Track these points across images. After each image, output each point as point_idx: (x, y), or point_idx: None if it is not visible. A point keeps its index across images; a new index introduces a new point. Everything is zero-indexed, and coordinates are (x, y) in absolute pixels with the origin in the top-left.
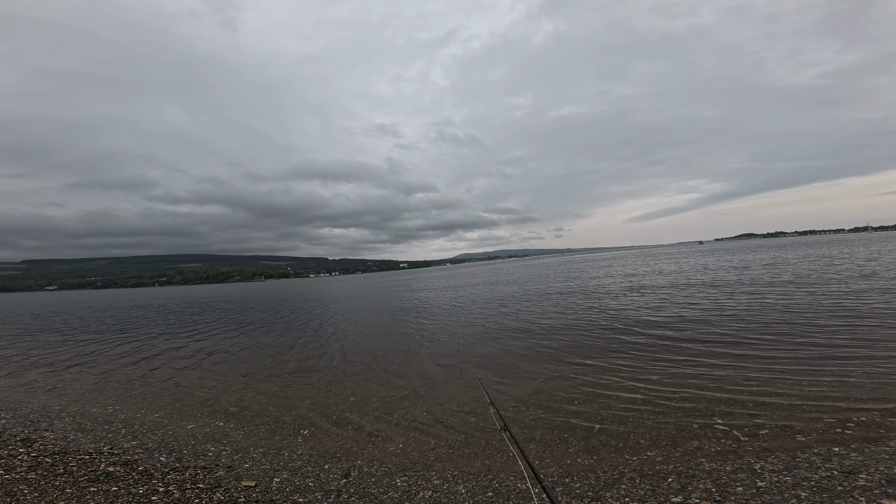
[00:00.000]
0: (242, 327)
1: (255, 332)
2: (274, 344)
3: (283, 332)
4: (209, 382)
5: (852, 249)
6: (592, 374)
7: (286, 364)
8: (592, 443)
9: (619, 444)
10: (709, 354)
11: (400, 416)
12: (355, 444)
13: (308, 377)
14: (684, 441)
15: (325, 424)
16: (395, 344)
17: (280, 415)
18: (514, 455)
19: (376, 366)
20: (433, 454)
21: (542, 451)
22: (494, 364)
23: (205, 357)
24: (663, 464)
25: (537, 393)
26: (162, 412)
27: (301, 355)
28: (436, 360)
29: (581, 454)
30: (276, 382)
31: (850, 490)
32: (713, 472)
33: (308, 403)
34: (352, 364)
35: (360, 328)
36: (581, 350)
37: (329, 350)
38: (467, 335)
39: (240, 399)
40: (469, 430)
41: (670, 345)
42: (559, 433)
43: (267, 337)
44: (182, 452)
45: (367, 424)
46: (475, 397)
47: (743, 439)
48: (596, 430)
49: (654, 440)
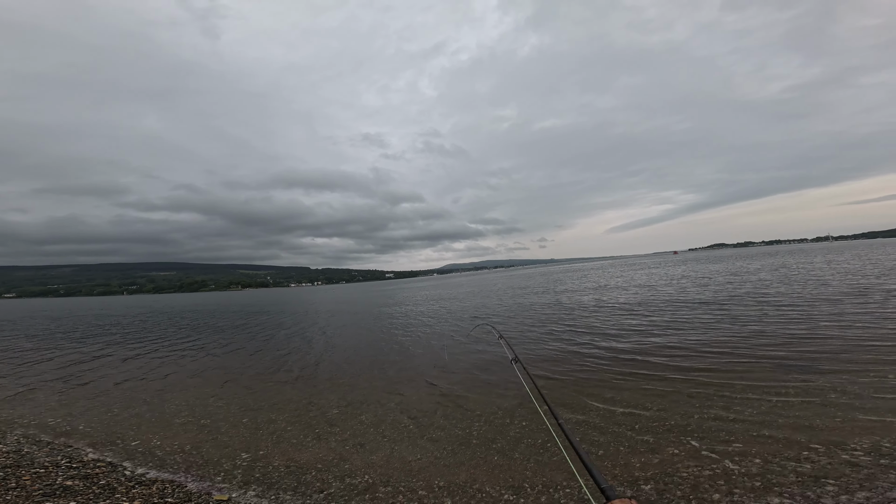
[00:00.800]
0: (216, 336)
1: (229, 341)
2: (250, 354)
3: (259, 343)
4: (176, 394)
5: (811, 259)
6: (571, 386)
7: (263, 375)
8: (570, 450)
9: (600, 452)
10: (671, 368)
11: (385, 428)
12: (336, 456)
13: (286, 388)
14: (661, 449)
15: (304, 436)
16: (379, 355)
17: (256, 427)
18: (500, 464)
19: (360, 377)
20: (418, 465)
21: (525, 459)
22: (478, 376)
23: (174, 367)
24: (641, 470)
25: (521, 405)
26: (127, 424)
27: (279, 366)
28: (422, 372)
29: (564, 463)
30: (252, 394)
31: (819, 495)
32: (690, 477)
33: (286, 416)
34: (334, 375)
35: (342, 339)
36: (561, 363)
37: (309, 360)
38: (450, 346)
39: (213, 411)
40: (454, 442)
41: (638, 359)
42: (542, 443)
43: (243, 347)
44: (147, 464)
45: (349, 436)
46: (460, 409)
47: (717, 448)
48: (578, 440)
49: (632, 448)
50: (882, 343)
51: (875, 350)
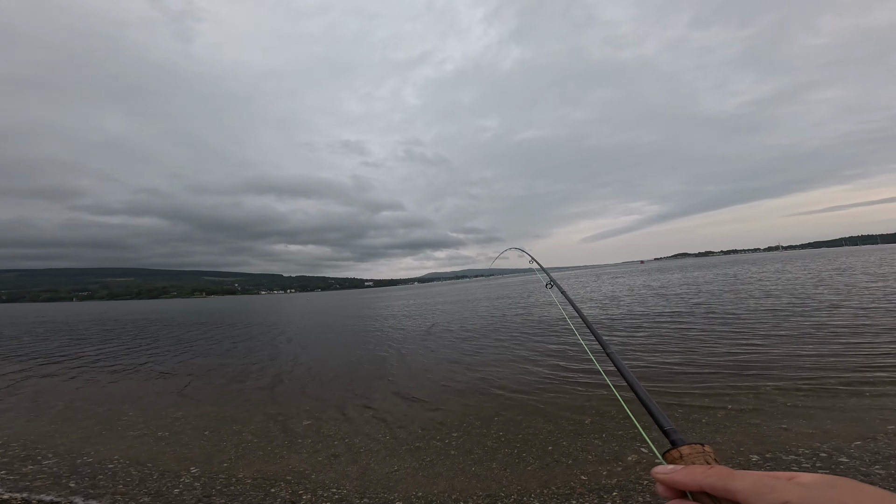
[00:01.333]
0: (174, 346)
1: (189, 351)
2: (212, 364)
3: (222, 352)
4: (130, 405)
5: (761, 268)
6: (542, 397)
7: (226, 385)
8: (547, 460)
9: (570, 461)
10: (639, 377)
11: (360, 439)
12: (308, 467)
13: (252, 399)
14: (624, 456)
15: (272, 447)
16: (353, 365)
17: (219, 438)
18: (478, 474)
19: (333, 388)
20: (395, 476)
21: (502, 469)
22: (457, 386)
23: (126, 379)
24: (608, 478)
25: (499, 415)
26: (75, 435)
27: (244, 376)
28: (398, 383)
29: (538, 472)
30: (214, 405)
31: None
32: (650, 484)
33: (252, 428)
34: (304, 386)
35: (313, 349)
36: (534, 375)
37: (277, 370)
38: (426, 356)
39: (170, 423)
40: (433, 453)
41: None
42: (518, 452)
43: (204, 356)
44: (97, 478)
45: (322, 447)
46: (437, 420)
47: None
48: (550, 449)
49: (599, 456)
50: (821, 353)
51: (815, 359)
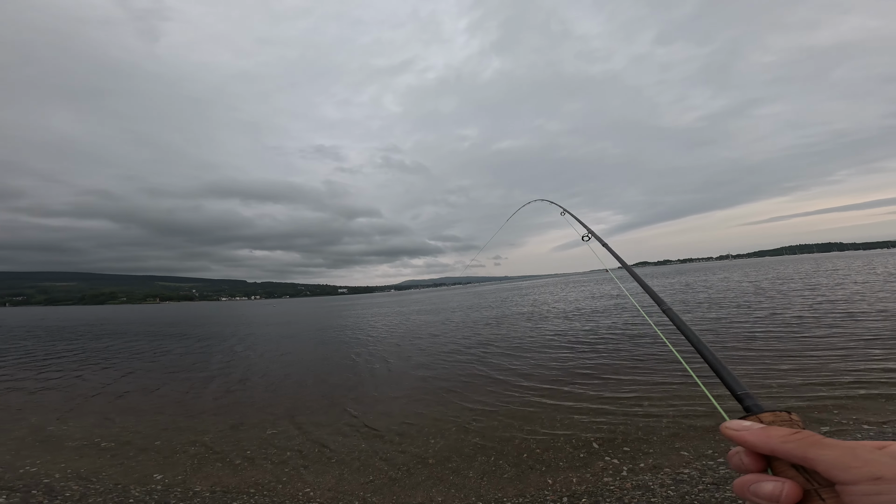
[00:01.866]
0: (121, 354)
1: (137, 359)
2: (163, 372)
3: (174, 360)
4: (66, 415)
5: (710, 277)
6: (517, 402)
7: (180, 394)
8: (522, 468)
9: (543, 468)
10: (596, 385)
11: (333, 448)
12: (273, 479)
13: (209, 408)
14: (593, 462)
15: (233, 458)
16: (324, 373)
17: (172, 450)
18: (456, 483)
19: (301, 396)
20: (370, 487)
21: (479, 477)
22: (434, 394)
23: (63, 387)
24: (578, 484)
25: (475, 421)
26: (4, 448)
27: (201, 384)
28: (374, 390)
29: (514, 480)
30: (167, 415)
31: (720, 501)
32: (616, 490)
33: (210, 438)
34: (269, 394)
35: (277, 356)
36: (510, 382)
37: (237, 378)
38: (400, 363)
39: (117, 433)
40: (411, 461)
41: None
42: (494, 460)
43: (155, 364)
44: (31, 492)
45: (289, 457)
46: (417, 429)
47: (637, 460)
48: (525, 457)
49: (570, 462)
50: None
51: (760, 362)
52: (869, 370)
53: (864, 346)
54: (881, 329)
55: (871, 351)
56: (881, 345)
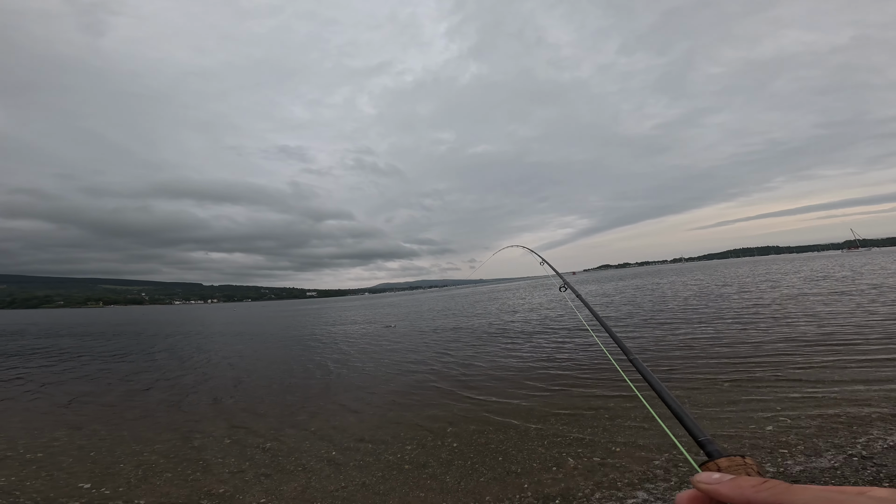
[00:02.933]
0: (54, 359)
1: (71, 364)
2: (106, 376)
3: (114, 366)
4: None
5: (663, 279)
6: (492, 406)
7: (120, 401)
8: (498, 471)
9: (518, 470)
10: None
11: (299, 456)
12: (231, 488)
13: (155, 416)
14: (565, 462)
15: (183, 468)
16: (286, 378)
17: (113, 460)
18: (433, 487)
19: (262, 402)
20: (341, 494)
21: (457, 481)
22: (409, 398)
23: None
24: (551, 486)
25: (452, 425)
26: None
27: (147, 390)
28: (342, 394)
29: (490, 483)
30: (106, 424)
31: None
32: (587, 487)
33: (157, 447)
34: (225, 400)
35: (235, 360)
36: (486, 385)
37: (188, 383)
38: (374, 367)
39: (46, 444)
40: (385, 467)
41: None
42: (472, 464)
43: (94, 368)
44: None
45: (248, 466)
46: (391, 435)
47: (603, 459)
48: (500, 459)
49: (543, 464)
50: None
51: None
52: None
53: (793, 348)
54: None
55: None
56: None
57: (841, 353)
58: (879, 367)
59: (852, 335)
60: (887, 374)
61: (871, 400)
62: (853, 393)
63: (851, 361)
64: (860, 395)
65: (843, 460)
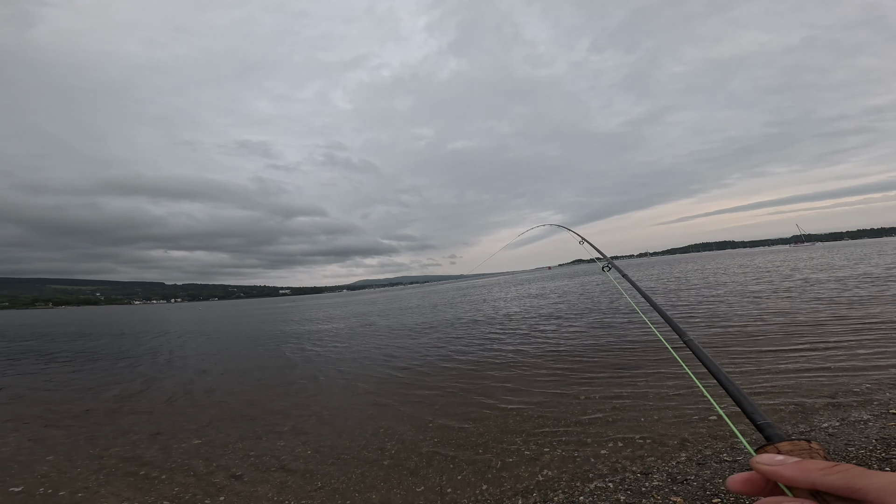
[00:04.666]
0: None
1: (16, 366)
2: (59, 379)
3: (73, 368)
4: None
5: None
6: (473, 398)
7: (77, 406)
8: (479, 465)
9: (500, 464)
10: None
11: (274, 455)
12: (200, 491)
13: (116, 420)
14: (541, 455)
15: (148, 472)
16: (258, 379)
17: (71, 465)
18: (415, 482)
19: (231, 404)
20: (319, 494)
21: (438, 476)
22: (387, 398)
23: None
24: (528, 479)
25: (432, 422)
26: None
27: (106, 392)
28: (318, 392)
29: (471, 476)
30: (60, 429)
31: (649, 490)
32: (563, 480)
33: (118, 451)
34: (191, 402)
35: (208, 358)
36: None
37: (155, 384)
38: (352, 364)
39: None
40: (364, 464)
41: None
42: (452, 458)
43: (46, 371)
44: None
45: (218, 467)
46: (371, 432)
47: (577, 452)
48: (481, 452)
49: (521, 457)
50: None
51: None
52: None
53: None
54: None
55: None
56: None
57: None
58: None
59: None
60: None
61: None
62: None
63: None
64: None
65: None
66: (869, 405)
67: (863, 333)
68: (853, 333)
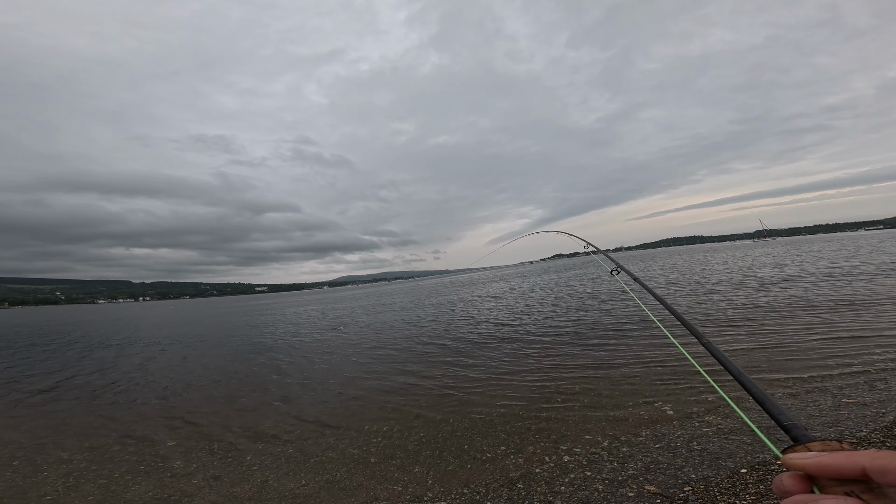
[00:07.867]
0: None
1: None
2: (20, 380)
3: (31, 367)
4: None
5: (597, 270)
6: (459, 395)
7: (38, 407)
8: (465, 458)
9: (485, 457)
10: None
11: (253, 455)
12: (176, 492)
13: (82, 420)
14: (525, 447)
15: (121, 474)
16: (233, 377)
17: (38, 468)
18: (401, 479)
19: (206, 403)
20: (303, 492)
21: (425, 471)
22: (372, 393)
23: None
24: (514, 471)
25: (418, 417)
26: None
27: (74, 392)
28: (300, 389)
29: (458, 471)
30: (24, 431)
31: (625, 479)
32: (544, 473)
33: (86, 454)
34: (168, 401)
35: (179, 358)
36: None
37: (128, 384)
38: (334, 362)
39: None
40: (350, 462)
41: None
42: (439, 453)
43: (7, 373)
44: None
45: (196, 469)
46: (356, 429)
47: (559, 444)
48: (466, 447)
49: (508, 448)
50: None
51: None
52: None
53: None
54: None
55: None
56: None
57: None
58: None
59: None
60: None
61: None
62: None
63: None
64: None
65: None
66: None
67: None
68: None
